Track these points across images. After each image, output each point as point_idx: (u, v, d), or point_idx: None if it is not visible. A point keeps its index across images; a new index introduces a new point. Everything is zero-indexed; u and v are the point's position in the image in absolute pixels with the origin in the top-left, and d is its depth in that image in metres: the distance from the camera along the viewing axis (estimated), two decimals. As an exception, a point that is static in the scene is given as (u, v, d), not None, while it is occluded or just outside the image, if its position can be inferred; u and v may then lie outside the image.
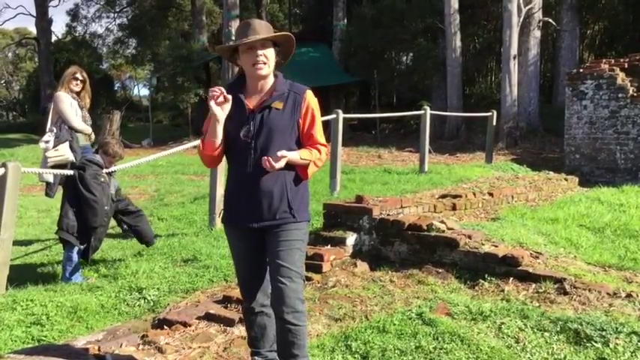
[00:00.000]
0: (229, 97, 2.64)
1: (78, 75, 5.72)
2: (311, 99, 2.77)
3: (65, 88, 5.64)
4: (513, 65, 15.03)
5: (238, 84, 2.79)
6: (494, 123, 11.67)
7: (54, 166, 5.40)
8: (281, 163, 2.59)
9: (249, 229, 2.75)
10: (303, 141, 2.76)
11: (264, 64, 2.67)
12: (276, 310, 2.70)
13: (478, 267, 4.54)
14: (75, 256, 4.91)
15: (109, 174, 5.11)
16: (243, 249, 2.83)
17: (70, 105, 5.59)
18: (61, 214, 4.93)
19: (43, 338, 3.60)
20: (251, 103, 2.72)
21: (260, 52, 2.65)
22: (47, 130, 5.57)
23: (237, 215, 2.78)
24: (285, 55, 2.81)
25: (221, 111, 2.64)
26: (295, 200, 2.73)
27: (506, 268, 4.42)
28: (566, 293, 4.05)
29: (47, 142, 5.46)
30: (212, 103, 2.63)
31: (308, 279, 4.50)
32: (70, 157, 5.47)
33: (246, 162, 2.69)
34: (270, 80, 2.75)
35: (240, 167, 2.73)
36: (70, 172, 4.97)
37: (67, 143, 5.50)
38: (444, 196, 6.51)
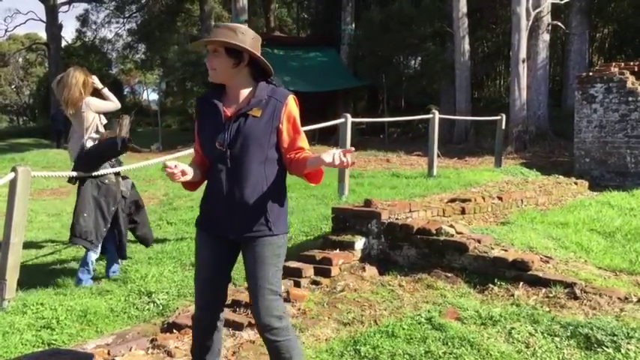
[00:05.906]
0: (188, 169, 2.56)
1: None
2: (292, 106, 2.62)
3: (87, 93, 5.40)
4: (522, 69, 14.98)
5: (219, 90, 2.69)
6: (504, 127, 11.62)
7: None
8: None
9: (222, 239, 2.67)
10: (290, 152, 2.62)
11: (212, 69, 2.60)
12: (257, 327, 2.68)
13: (488, 271, 4.52)
14: (91, 260, 4.92)
15: (117, 174, 5.11)
16: (209, 257, 2.72)
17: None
18: (73, 220, 4.93)
19: (53, 342, 3.62)
20: (229, 110, 2.60)
21: (208, 58, 2.62)
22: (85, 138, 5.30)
23: (213, 223, 2.68)
24: (260, 66, 2.64)
25: (187, 177, 2.58)
26: (273, 212, 2.61)
27: (516, 272, 4.39)
28: (576, 298, 4.02)
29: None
30: (177, 180, 2.55)
31: (317, 283, 4.51)
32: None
33: (222, 171, 2.58)
34: (249, 88, 2.63)
35: (215, 176, 2.61)
36: (74, 174, 4.96)
37: None
38: (452, 200, 6.49)
